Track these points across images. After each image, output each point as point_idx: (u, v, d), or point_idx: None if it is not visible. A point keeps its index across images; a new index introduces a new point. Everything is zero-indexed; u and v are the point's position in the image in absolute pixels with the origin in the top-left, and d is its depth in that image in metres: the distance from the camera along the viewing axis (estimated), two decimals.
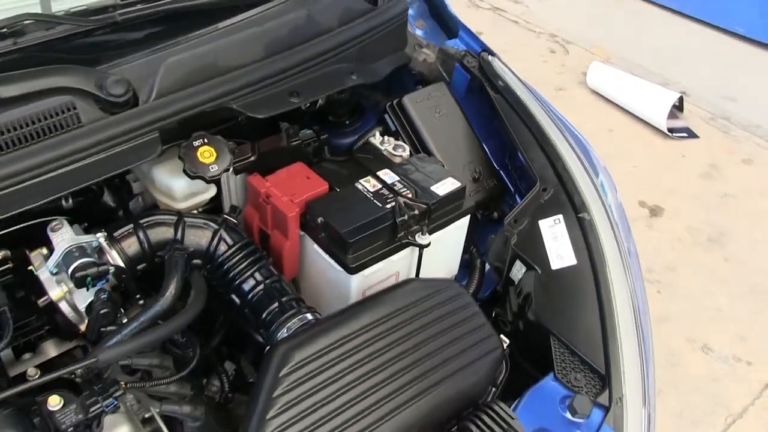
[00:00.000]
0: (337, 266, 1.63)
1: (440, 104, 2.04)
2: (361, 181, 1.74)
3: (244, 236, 1.60)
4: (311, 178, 1.75)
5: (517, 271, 1.78)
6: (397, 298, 1.48)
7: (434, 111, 2.02)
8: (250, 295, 1.53)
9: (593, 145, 2.03)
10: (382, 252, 1.65)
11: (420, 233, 1.68)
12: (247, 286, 1.54)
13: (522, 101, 1.97)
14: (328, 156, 1.92)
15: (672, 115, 4.73)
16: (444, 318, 1.48)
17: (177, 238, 1.52)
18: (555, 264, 1.70)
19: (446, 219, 1.76)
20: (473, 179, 1.98)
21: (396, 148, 1.90)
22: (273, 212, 1.68)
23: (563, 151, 1.88)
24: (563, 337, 1.60)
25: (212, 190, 1.72)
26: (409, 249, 1.70)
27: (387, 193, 1.71)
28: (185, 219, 1.54)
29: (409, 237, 1.67)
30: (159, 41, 1.62)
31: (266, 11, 1.77)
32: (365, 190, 1.72)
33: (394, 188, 1.72)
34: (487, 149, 2.07)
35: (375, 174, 1.77)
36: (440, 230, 1.75)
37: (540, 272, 1.70)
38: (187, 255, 1.52)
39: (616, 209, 1.83)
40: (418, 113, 2.00)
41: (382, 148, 1.91)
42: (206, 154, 1.57)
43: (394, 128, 2.03)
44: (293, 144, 1.83)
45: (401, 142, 1.96)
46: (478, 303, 1.54)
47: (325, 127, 1.99)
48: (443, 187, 1.75)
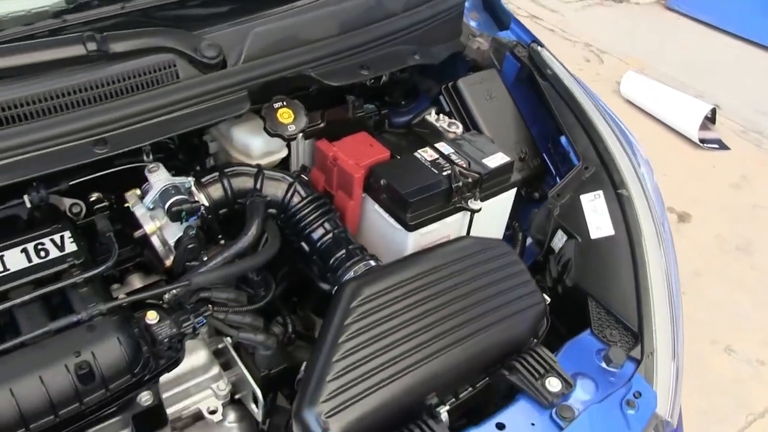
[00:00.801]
0: (396, 224, 1.79)
1: (491, 88, 2.20)
2: (419, 150, 1.91)
3: (314, 191, 1.76)
4: (374, 146, 1.92)
5: (558, 241, 1.93)
6: (453, 250, 1.63)
7: (486, 94, 2.18)
8: (318, 243, 1.70)
9: None
10: (437, 214, 1.81)
11: (472, 199, 1.84)
12: (316, 234, 1.71)
13: (568, 88, 2.13)
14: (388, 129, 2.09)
15: (704, 126, 4.85)
16: (494, 272, 1.63)
17: (256, 187, 1.69)
18: (594, 234, 1.85)
19: (495, 189, 1.92)
20: (519, 158, 2.13)
21: (450, 125, 2.07)
22: (339, 174, 1.85)
23: (605, 134, 2.04)
24: (600, 298, 1.75)
25: (284, 152, 1.90)
26: (461, 214, 1.86)
27: (443, 162, 1.87)
28: (264, 171, 1.72)
29: (462, 202, 1.83)
30: (246, 13, 1.80)
31: None
32: (423, 158, 1.88)
33: (450, 158, 1.88)
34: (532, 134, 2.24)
35: (432, 145, 1.93)
36: (489, 199, 1.91)
37: (580, 240, 1.85)
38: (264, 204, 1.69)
39: (653, 189, 1.97)
40: (471, 95, 2.16)
41: (437, 124, 2.08)
42: (285, 115, 1.74)
43: (447, 109, 2.19)
44: (357, 116, 2.01)
45: (454, 120, 2.12)
46: None
47: (383, 106, 2.16)
48: (494, 161, 1.91)
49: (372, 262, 1.65)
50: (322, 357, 1.38)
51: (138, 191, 1.65)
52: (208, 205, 1.65)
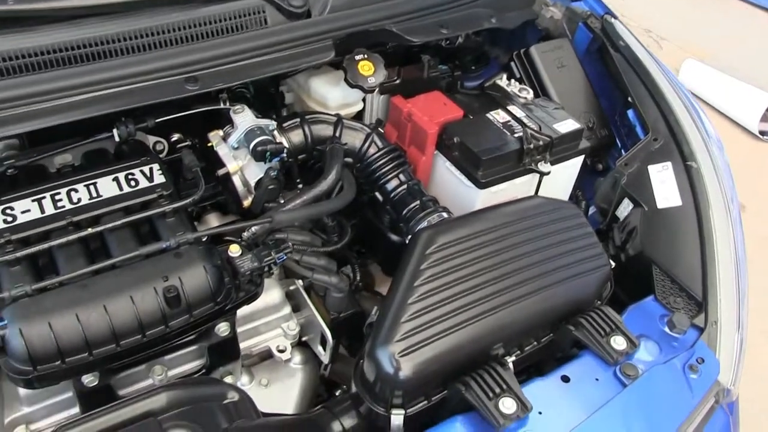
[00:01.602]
0: (467, 181, 1.82)
1: (563, 57, 2.21)
2: (491, 112, 1.94)
3: (390, 143, 1.80)
4: (447, 105, 1.95)
5: (624, 209, 1.95)
6: (525, 208, 1.66)
7: (557, 62, 2.20)
8: (392, 194, 1.74)
9: None
10: (507, 174, 1.84)
11: (542, 162, 1.86)
12: (390, 185, 1.75)
13: (640, 60, 2.13)
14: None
15: (765, 118, 4.77)
16: (563, 231, 1.65)
17: (335, 135, 1.74)
18: (661, 203, 1.86)
19: (565, 154, 1.94)
20: (587, 127, 2.15)
21: (521, 90, 2.09)
22: (413, 129, 1.88)
23: (675, 107, 2.04)
24: (664, 266, 1.76)
25: (359, 105, 1.94)
26: (530, 175, 1.88)
27: (515, 124, 1.90)
28: (343, 121, 1.76)
29: (533, 164, 1.85)
30: None
31: None
32: (495, 120, 1.91)
33: (522, 121, 1.91)
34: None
35: (505, 107, 1.95)
36: (558, 164, 1.92)
37: (646, 209, 1.86)
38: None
39: (723, 164, 1.98)
40: (543, 62, 2.18)
41: (509, 89, 2.10)
42: (365, 67, 1.78)
43: (518, 75, 2.21)
44: (432, 75, 2.04)
45: (525, 86, 2.14)
46: None
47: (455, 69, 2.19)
48: (564, 126, 1.93)
49: (444, 214, 1.69)
50: (397, 299, 1.42)
51: (220, 132, 1.70)
52: (289, 149, 1.69)
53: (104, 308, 1.31)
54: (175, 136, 1.78)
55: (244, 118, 1.65)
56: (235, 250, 1.46)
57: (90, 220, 1.47)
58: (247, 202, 1.68)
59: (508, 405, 1.36)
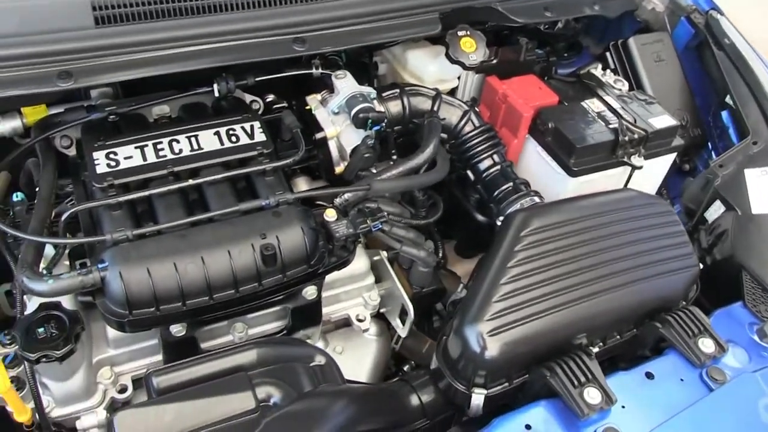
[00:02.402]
0: (558, 168, 1.79)
1: (661, 51, 2.16)
2: (586, 101, 1.90)
3: (486, 123, 1.78)
4: (543, 89, 1.92)
5: (714, 212, 1.90)
6: (618, 199, 1.63)
7: (654, 56, 2.15)
8: (485, 174, 1.73)
9: None
10: (600, 164, 1.80)
11: (636, 156, 1.82)
12: (483, 165, 1.73)
13: (745, 60, 2.07)
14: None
15: None
16: (654, 227, 1.61)
17: (433, 109, 1.72)
18: (756, 209, 1.81)
19: (657, 150, 1.89)
20: (681, 125, 2.10)
21: (616, 81, 2.05)
22: (507, 111, 1.86)
23: None
24: (756, 273, 1.71)
25: (455, 82, 1.92)
26: (621, 168, 1.85)
27: (610, 115, 1.86)
28: (442, 96, 1.74)
29: (626, 157, 1.82)
30: None
31: None
32: (590, 108, 1.88)
33: (617, 112, 1.87)
34: None
35: (600, 97, 1.92)
36: (651, 159, 1.88)
37: (740, 213, 1.82)
38: None
39: None
40: (641, 55, 2.13)
41: (603, 79, 2.06)
42: (468, 44, 1.76)
43: (613, 66, 2.17)
44: (528, 58, 2.00)
45: (620, 77, 2.09)
46: None
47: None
48: (659, 122, 1.88)
49: (536, 198, 1.67)
50: (489, 278, 1.41)
51: (318, 96, 1.70)
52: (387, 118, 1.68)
53: (202, 260, 1.32)
54: (269, 97, 1.79)
55: (347, 83, 1.65)
56: (331, 214, 1.46)
57: (189, 172, 1.48)
58: (339, 169, 1.68)
59: (593, 395, 1.34)
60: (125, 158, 1.47)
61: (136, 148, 1.49)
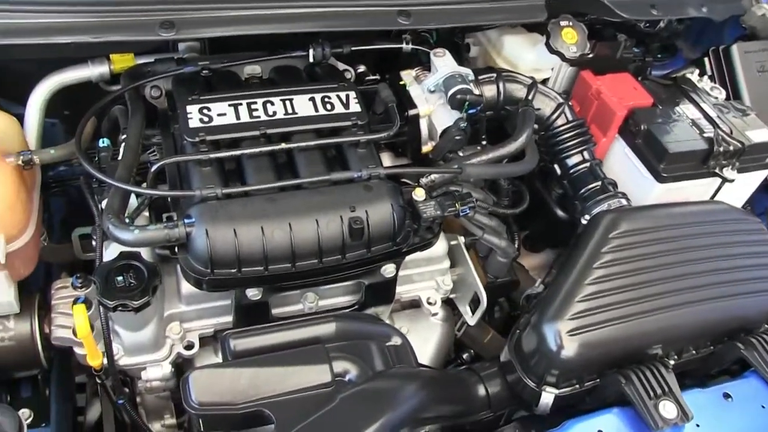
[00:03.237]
0: (646, 172, 1.74)
1: (766, 61, 2.08)
2: (681, 106, 1.84)
3: (579, 117, 1.73)
4: (637, 90, 1.86)
5: None
6: (709, 211, 1.59)
7: (758, 66, 2.07)
8: (573, 170, 1.69)
9: None
10: (689, 173, 1.75)
11: (729, 168, 1.76)
12: (572, 160, 1.69)
13: None
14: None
15: None
16: (744, 244, 1.56)
17: (528, 98, 1.68)
18: None
19: (751, 165, 1.83)
20: None
21: (712, 89, 1.98)
22: (599, 108, 1.81)
23: None
24: None
25: (548, 72, 1.87)
26: (710, 179, 1.79)
27: (705, 123, 1.80)
28: (538, 85, 1.70)
29: (717, 168, 1.76)
30: None
31: None
32: (685, 114, 1.82)
33: (714, 121, 1.81)
34: None
35: (696, 103, 1.86)
36: (743, 173, 1.82)
37: None
38: None
39: None
40: (743, 63, 2.05)
41: (700, 85, 1.99)
42: (569, 35, 1.71)
43: (710, 72, 2.10)
44: (625, 56, 1.95)
45: (717, 85, 2.03)
46: None
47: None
48: (757, 135, 1.82)
49: (624, 201, 1.63)
50: (572, 277, 1.38)
51: (413, 72, 1.67)
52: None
53: (289, 226, 1.31)
54: (361, 68, 1.76)
55: (445, 62, 1.61)
56: (420, 194, 1.43)
57: (281, 136, 1.46)
58: (426, 148, 1.65)
59: (668, 409, 1.31)
60: (218, 115, 1.45)
61: (230, 105, 1.47)
